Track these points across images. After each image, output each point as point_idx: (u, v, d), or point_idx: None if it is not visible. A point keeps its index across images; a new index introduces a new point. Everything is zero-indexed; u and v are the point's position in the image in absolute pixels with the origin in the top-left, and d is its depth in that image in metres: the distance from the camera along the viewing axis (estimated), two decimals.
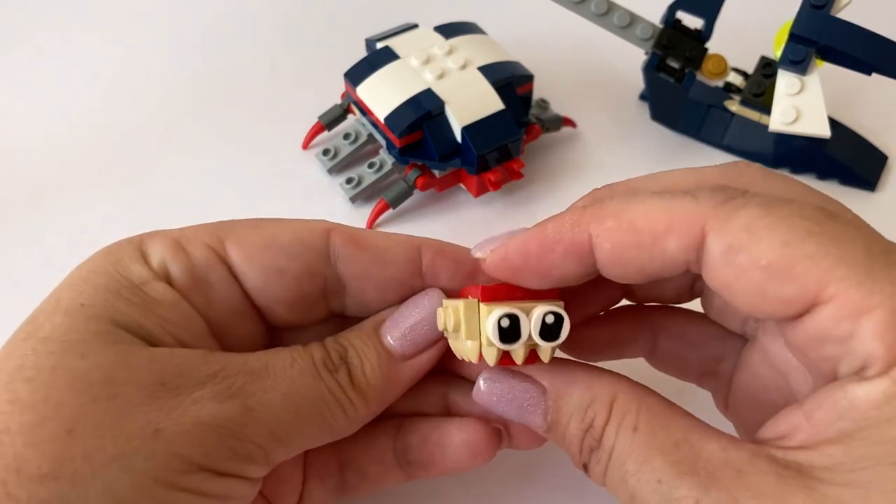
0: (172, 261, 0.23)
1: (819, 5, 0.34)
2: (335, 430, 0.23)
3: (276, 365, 0.22)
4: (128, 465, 0.19)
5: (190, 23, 0.49)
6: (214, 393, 0.21)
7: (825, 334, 0.18)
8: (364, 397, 0.23)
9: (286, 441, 0.22)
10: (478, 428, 0.25)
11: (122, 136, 0.42)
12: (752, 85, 0.40)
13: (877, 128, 0.41)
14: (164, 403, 0.20)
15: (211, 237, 0.24)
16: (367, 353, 0.23)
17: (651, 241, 0.20)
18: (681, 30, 0.38)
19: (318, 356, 0.23)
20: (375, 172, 0.38)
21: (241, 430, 0.21)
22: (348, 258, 0.24)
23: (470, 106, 0.36)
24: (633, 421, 0.21)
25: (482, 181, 0.37)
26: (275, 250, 0.24)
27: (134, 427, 0.19)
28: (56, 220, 0.38)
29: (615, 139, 0.42)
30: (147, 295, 0.22)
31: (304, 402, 0.22)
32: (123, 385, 0.20)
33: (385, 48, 0.38)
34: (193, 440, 0.20)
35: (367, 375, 0.23)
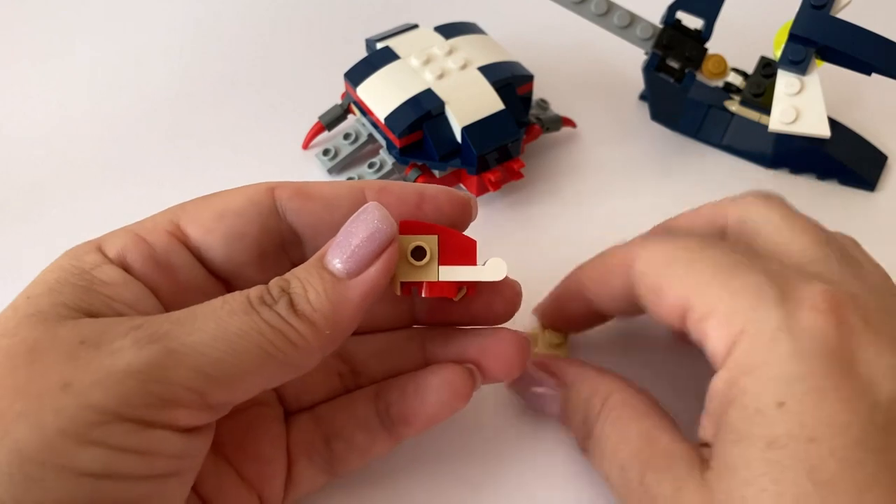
0: (133, 250, 0.23)
1: (819, 5, 0.34)
2: (286, 363, 0.22)
3: (205, 309, 0.22)
4: (36, 421, 0.19)
5: (189, 23, 0.49)
6: (134, 341, 0.20)
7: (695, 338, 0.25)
8: (311, 323, 0.22)
9: (224, 381, 0.21)
10: (453, 369, 0.26)
11: (121, 137, 0.42)
12: (751, 85, 0.40)
13: (876, 128, 0.41)
14: (82, 359, 0.20)
15: (168, 223, 0.24)
16: (310, 279, 0.23)
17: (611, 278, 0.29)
18: (681, 30, 0.38)
19: (255, 294, 0.22)
20: (375, 172, 0.38)
21: (164, 374, 0.20)
22: (298, 210, 0.25)
23: (470, 106, 0.36)
24: (617, 415, 0.26)
25: (482, 181, 0.37)
26: (229, 218, 0.24)
27: (47, 385, 0.19)
28: (55, 220, 0.38)
29: (615, 139, 0.42)
30: (95, 277, 0.22)
31: (236, 337, 0.21)
32: (45, 352, 0.20)
33: (385, 48, 0.38)
34: (108, 389, 0.19)
35: (311, 301, 0.22)
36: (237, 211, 0.24)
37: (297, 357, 0.22)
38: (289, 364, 0.22)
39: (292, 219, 0.25)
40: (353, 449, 0.27)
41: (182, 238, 0.24)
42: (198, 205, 0.25)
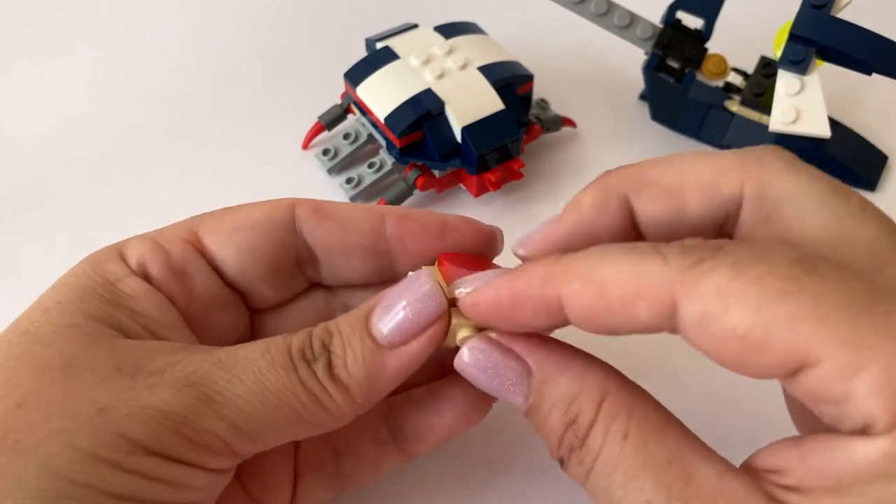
0: (150, 257, 0.24)
1: (819, 5, 0.34)
2: (314, 424, 0.22)
3: (247, 355, 0.21)
4: (69, 441, 0.19)
5: (189, 23, 0.49)
6: (172, 380, 0.20)
7: (819, 396, 0.18)
8: (345, 391, 0.22)
9: (252, 436, 0.21)
10: None
11: (121, 137, 0.42)
12: (752, 85, 0.40)
13: (877, 128, 0.41)
14: (117, 386, 0.20)
15: (186, 232, 0.24)
16: (353, 341, 0.22)
17: (620, 307, 0.19)
18: (681, 30, 0.38)
19: (297, 345, 0.22)
20: (375, 172, 0.38)
21: (198, 420, 0.20)
22: (313, 228, 0.25)
23: (470, 106, 0.36)
24: (624, 427, 0.20)
25: (482, 181, 0.37)
26: (245, 230, 0.24)
27: (82, 405, 0.19)
28: (55, 220, 0.38)
29: (615, 139, 0.42)
30: (120, 290, 0.23)
31: (272, 395, 0.21)
32: (81, 370, 0.20)
33: (385, 48, 0.38)
34: (142, 423, 0.19)
35: (349, 367, 0.22)
36: (253, 224, 0.24)
37: (327, 420, 0.22)
38: (317, 425, 0.22)
39: (308, 237, 0.25)
40: (362, 465, 0.26)
41: (198, 247, 0.24)
42: (217, 216, 0.25)
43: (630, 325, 0.19)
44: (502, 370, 0.22)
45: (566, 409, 0.21)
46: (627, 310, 0.19)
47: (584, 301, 0.19)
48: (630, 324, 0.19)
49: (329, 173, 0.40)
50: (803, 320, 0.17)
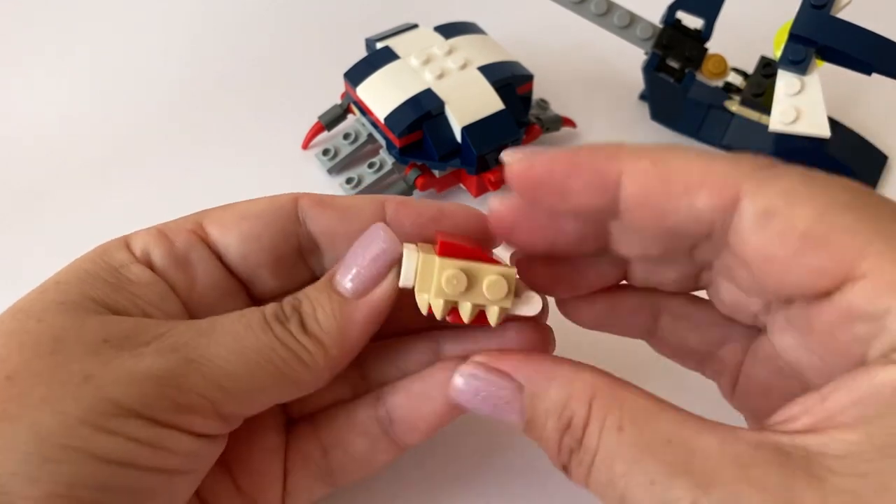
0: (154, 246, 0.24)
1: (819, 5, 0.34)
2: (296, 381, 0.23)
3: (224, 322, 0.22)
4: (56, 408, 0.19)
5: (189, 23, 0.49)
6: (156, 348, 0.21)
7: (857, 312, 0.18)
8: (320, 343, 0.23)
9: (237, 394, 0.22)
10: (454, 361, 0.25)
11: (121, 137, 0.42)
12: (751, 85, 0.40)
13: (877, 128, 0.41)
14: (104, 357, 0.20)
15: (191, 223, 0.25)
16: (320, 299, 0.23)
17: (682, 190, 0.19)
18: (681, 30, 0.38)
19: (270, 310, 0.23)
20: (375, 172, 0.38)
21: (181, 381, 0.21)
22: (315, 217, 0.25)
23: (470, 106, 0.36)
24: (617, 420, 0.20)
25: (482, 181, 0.37)
26: (249, 219, 0.25)
27: (68, 375, 0.20)
28: (55, 221, 0.38)
29: (615, 139, 0.41)
30: (123, 275, 0.23)
31: (252, 353, 0.22)
32: (69, 343, 0.21)
33: (385, 48, 0.38)
34: (127, 387, 0.20)
35: (320, 320, 0.23)
36: (257, 213, 0.25)
37: (307, 375, 0.23)
38: (299, 381, 0.23)
39: (311, 226, 0.25)
40: (352, 458, 0.26)
41: (203, 236, 0.25)
42: (222, 208, 0.26)
43: (683, 213, 0.20)
44: (495, 391, 0.22)
45: (560, 415, 0.21)
46: (688, 195, 0.19)
47: (645, 179, 0.20)
48: (683, 212, 0.20)
49: (329, 173, 0.40)
50: (863, 232, 0.18)
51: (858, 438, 0.17)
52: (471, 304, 0.23)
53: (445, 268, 0.22)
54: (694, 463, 0.18)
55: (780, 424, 0.18)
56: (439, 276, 0.22)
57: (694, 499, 0.17)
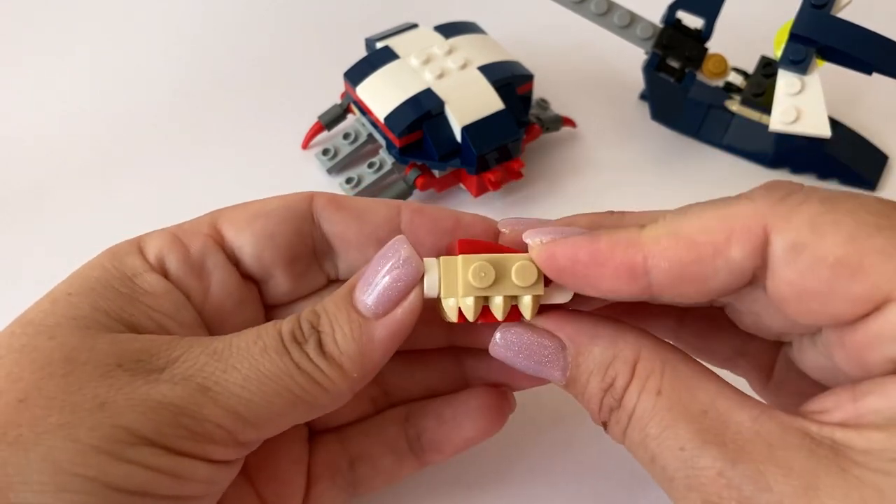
0: (169, 252, 0.24)
1: (819, 5, 0.34)
2: (314, 405, 0.22)
3: (240, 343, 0.22)
4: (71, 434, 0.19)
5: (189, 23, 0.49)
6: (170, 375, 0.20)
7: (892, 333, 0.17)
8: (339, 367, 0.22)
9: (254, 421, 0.21)
10: (489, 393, 0.26)
11: (120, 137, 0.42)
12: (752, 85, 0.40)
13: (877, 127, 0.41)
14: (117, 381, 0.20)
15: (206, 226, 0.25)
16: (339, 318, 0.22)
17: (712, 252, 0.19)
18: (681, 29, 0.38)
19: (287, 329, 0.22)
20: (375, 172, 0.38)
21: (197, 410, 0.20)
22: (329, 218, 0.25)
23: (470, 106, 0.36)
24: (657, 383, 0.20)
25: (482, 181, 0.37)
26: (263, 218, 0.25)
27: (82, 400, 0.19)
28: (56, 220, 0.38)
29: (615, 139, 0.42)
30: (137, 286, 0.23)
31: (268, 379, 0.21)
32: (81, 364, 0.20)
33: (385, 48, 0.38)
34: (142, 415, 0.19)
35: (339, 343, 0.22)
36: (270, 212, 0.25)
37: (326, 399, 0.22)
38: (316, 405, 0.22)
39: (325, 225, 0.25)
40: (379, 473, 0.26)
41: (219, 240, 0.24)
42: (237, 207, 0.25)
43: (723, 273, 0.19)
44: (536, 347, 0.22)
45: (603, 375, 0.21)
46: (721, 254, 0.19)
47: (672, 256, 0.20)
48: (723, 270, 0.19)
49: (329, 173, 0.40)
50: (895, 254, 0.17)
51: (884, 438, 0.17)
52: (502, 298, 0.22)
53: (470, 262, 0.22)
54: (725, 435, 0.18)
55: (812, 414, 0.19)
56: (464, 272, 0.22)
57: (720, 469, 0.18)
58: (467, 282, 0.22)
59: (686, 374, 0.20)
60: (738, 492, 0.18)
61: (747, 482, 0.18)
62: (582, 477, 0.29)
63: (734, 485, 0.18)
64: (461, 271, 0.22)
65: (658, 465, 0.20)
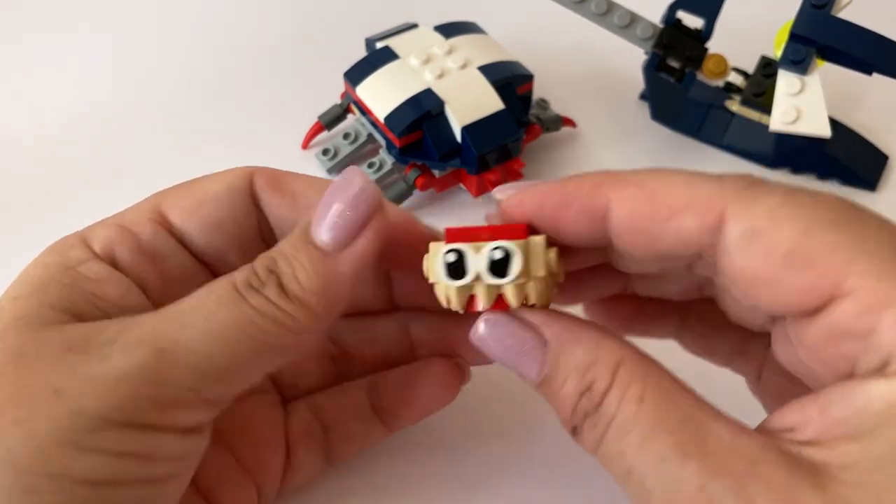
0: (119, 242, 0.23)
1: (819, 5, 0.34)
2: (282, 349, 0.21)
3: (191, 301, 0.21)
4: (28, 429, 0.18)
5: (189, 23, 0.49)
6: (122, 345, 0.19)
7: (843, 329, 0.18)
8: (303, 305, 0.21)
9: (221, 376, 0.20)
10: (442, 364, 0.27)
11: (121, 137, 0.42)
12: (752, 85, 0.40)
13: (877, 128, 0.41)
14: (69, 366, 0.19)
15: (150, 211, 0.24)
16: (298, 256, 0.21)
17: (668, 214, 0.20)
18: (681, 29, 0.38)
19: (241, 278, 0.21)
20: (375, 172, 0.38)
21: (157, 376, 0.19)
22: (268, 201, 0.24)
23: (470, 106, 0.36)
24: (639, 391, 0.20)
25: (482, 181, 0.37)
26: (207, 204, 0.24)
27: (36, 391, 0.19)
28: (56, 220, 0.38)
29: (615, 139, 0.42)
30: (80, 274, 0.22)
31: (228, 329, 0.20)
32: (32, 358, 0.20)
33: (385, 48, 0.38)
34: (100, 395, 0.19)
35: (301, 280, 0.21)
36: (215, 197, 0.24)
37: (292, 340, 0.21)
38: (284, 349, 0.22)
39: (265, 209, 0.25)
40: (349, 438, 0.27)
41: (166, 225, 0.24)
42: (178, 191, 0.25)
43: (671, 237, 0.20)
44: (517, 340, 0.21)
45: (582, 376, 0.20)
46: (674, 218, 0.20)
47: (632, 205, 0.20)
48: (671, 235, 0.20)
49: (329, 173, 0.40)
50: (846, 249, 0.18)
51: (856, 450, 0.17)
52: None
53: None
54: (706, 448, 0.18)
55: (784, 433, 0.19)
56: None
57: (701, 483, 0.18)
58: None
59: (667, 384, 0.20)
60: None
61: (729, 497, 0.17)
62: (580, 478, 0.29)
63: (716, 499, 0.17)
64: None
65: (635, 477, 0.19)
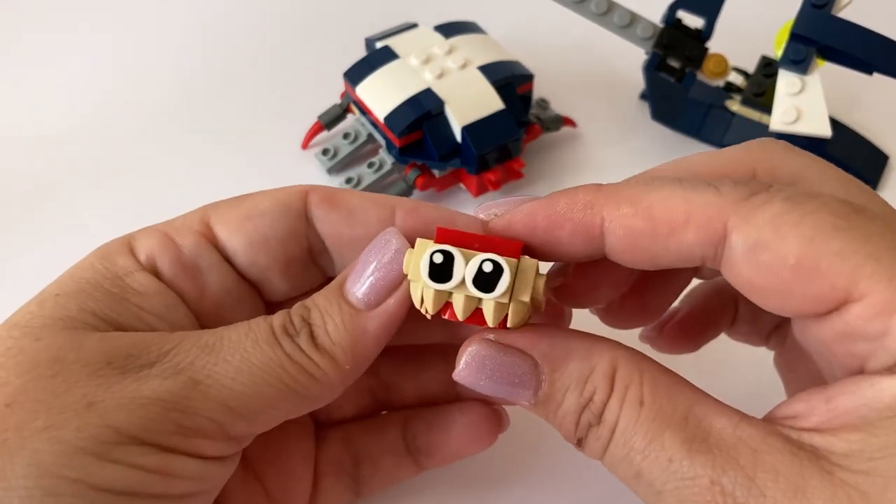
0: (161, 252, 0.23)
1: (820, 5, 0.34)
2: (307, 397, 0.22)
3: (231, 336, 0.21)
4: (57, 436, 0.18)
5: (189, 22, 0.49)
6: (161, 370, 0.20)
7: (855, 332, 0.18)
8: (331, 358, 0.22)
9: (246, 414, 0.21)
10: (480, 411, 0.26)
11: (121, 137, 0.42)
12: (752, 85, 0.40)
13: (878, 127, 0.41)
14: (106, 380, 0.19)
15: (198, 223, 0.24)
16: (330, 310, 0.22)
17: (667, 232, 0.19)
18: (681, 29, 0.38)
19: (278, 323, 0.22)
20: (375, 172, 0.38)
21: (187, 404, 0.20)
22: (322, 217, 0.24)
23: (470, 105, 0.36)
24: (638, 394, 0.19)
25: (482, 181, 0.37)
26: (256, 219, 0.24)
27: (70, 401, 0.19)
28: (56, 220, 0.38)
29: (615, 139, 0.42)
30: (127, 285, 0.22)
31: (259, 371, 0.21)
32: (70, 364, 0.20)
33: (385, 48, 0.38)
34: (129, 413, 0.19)
35: (331, 334, 0.22)
36: (264, 212, 0.24)
37: (318, 391, 0.22)
38: (309, 397, 0.22)
39: (318, 225, 0.24)
40: (380, 472, 0.27)
41: (211, 238, 0.24)
42: (229, 204, 0.25)
43: (673, 253, 0.19)
44: (508, 371, 0.20)
45: (581, 390, 0.20)
46: (675, 235, 0.19)
47: (628, 224, 0.20)
48: (673, 251, 0.19)
49: (329, 173, 0.40)
50: (854, 254, 0.18)
51: (860, 438, 0.17)
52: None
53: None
54: (710, 442, 0.18)
55: (787, 420, 0.19)
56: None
57: (713, 478, 0.18)
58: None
59: (664, 382, 0.20)
60: (733, 499, 0.18)
61: (740, 489, 0.17)
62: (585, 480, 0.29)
63: (728, 492, 0.18)
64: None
65: (644, 480, 0.19)
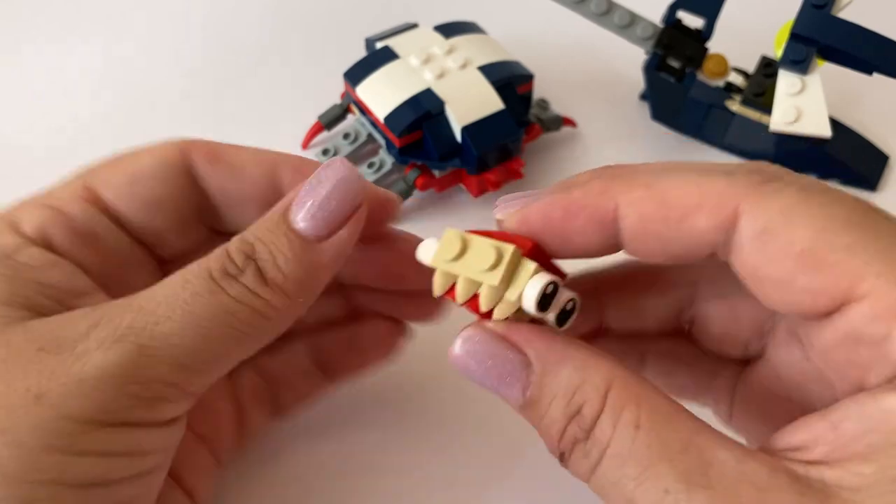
0: (52, 224, 0.22)
1: (820, 5, 0.34)
2: (259, 337, 0.21)
3: (166, 293, 0.20)
4: (14, 440, 0.18)
5: (189, 23, 0.49)
6: (98, 342, 0.19)
7: (857, 334, 0.17)
8: (283, 292, 0.21)
9: (200, 368, 0.20)
10: (381, 322, 0.28)
11: (120, 137, 0.42)
12: (752, 85, 0.39)
13: (878, 127, 0.41)
14: (45, 366, 0.18)
15: (81, 189, 0.23)
16: (277, 243, 0.21)
17: (680, 215, 0.19)
18: (681, 29, 0.38)
19: (217, 266, 0.20)
20: (375, 172, 0.38)
21: (140, 373, 0.19)
22: (207, 174, 0.24)
23: (470, 105, 0.36)
24: (634, 416, 0.18)
25: (482, 181, 0.37)
26: (143, 182, 0.23)
27: (14, 399, 0.18)
28: None
29: (615, 139, 0.42)
30: (19, 262, 0.21)
31: (207, 321, 0.20)
32: (2, 362, 0.19)
33: (385, 48, 0.38)
34: (84, 397, 0.18)
35: (282, 268, 0.21)
36: (150, 173, 0.23)
37: (271, 327, 0.21)
38: (262, 336, 0.21)
39: (204, 183, 0.24)
40: (297, 393, 0.28)
41: (100, 204, 0.23)
42: (109, 167, 0.24)
43: (685, 238, 0.19)
44: (499, 362, 0.20)
45: (569, 400, 0.19)
46: (687, 219, 0.19)
47: (642, 209, 0.19)
48: (686, 236, 0.19)
49: None
50: (863, 251, 0.17)
51: (872, 470, 0.16)
52: (463, 279, 0.20)
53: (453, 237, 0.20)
54: (710, 476, 0.17)
55: (793, 452, 0.18)
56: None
57: None
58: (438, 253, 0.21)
59: (663, 408, 0.18)
60: None
61: None
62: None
63: None
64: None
65: None
